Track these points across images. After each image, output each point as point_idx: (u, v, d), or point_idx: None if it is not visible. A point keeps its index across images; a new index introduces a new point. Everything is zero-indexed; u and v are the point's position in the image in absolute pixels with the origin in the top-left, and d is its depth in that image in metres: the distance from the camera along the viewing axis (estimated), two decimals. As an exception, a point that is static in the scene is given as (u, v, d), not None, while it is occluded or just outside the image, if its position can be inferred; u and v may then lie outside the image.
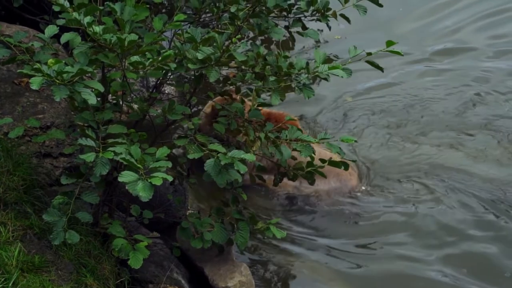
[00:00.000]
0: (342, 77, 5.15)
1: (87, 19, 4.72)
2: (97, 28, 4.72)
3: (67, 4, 4.77)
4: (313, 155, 5.51)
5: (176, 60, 5.16)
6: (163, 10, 6.21)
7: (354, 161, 5.97)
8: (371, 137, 8.38)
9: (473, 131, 8.48)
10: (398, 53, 5.37)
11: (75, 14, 4.72)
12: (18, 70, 4.93)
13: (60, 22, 4.91)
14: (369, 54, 5.36)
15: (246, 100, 6.23)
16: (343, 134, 8.25)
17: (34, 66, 4.66)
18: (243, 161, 4.94)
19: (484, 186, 7.68)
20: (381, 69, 5.56)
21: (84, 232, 5.49)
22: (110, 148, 4.80)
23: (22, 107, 6.59)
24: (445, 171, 7.89)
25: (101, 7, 5.00)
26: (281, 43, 9.20)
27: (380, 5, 5.74)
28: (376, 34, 9.36)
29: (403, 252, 6.95)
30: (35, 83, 4.53)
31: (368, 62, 5.44)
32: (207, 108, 7.29)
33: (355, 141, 5.54)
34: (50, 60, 4.69)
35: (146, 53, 4.92)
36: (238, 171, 4.95)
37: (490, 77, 9.39)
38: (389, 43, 5.30)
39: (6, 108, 6.52)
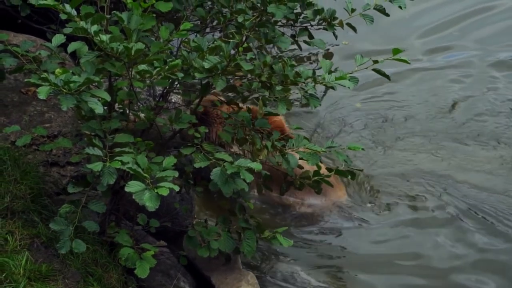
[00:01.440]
0: (348, 87, 5.17)
1: (94, 27, 4.76)
2: (104, 37, 4.75)
3: (74, 12, 4.80)
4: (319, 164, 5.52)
5: (183, 69, 5.18)
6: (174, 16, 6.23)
7: (361, 170, 5.96)
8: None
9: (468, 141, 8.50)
10: (404, 61, 5.38)
11: (82, 23, 4.75)
12: (26, 80, 4.94)
13: (67, 30, 4.95)
14: (375, 62, 5.38)
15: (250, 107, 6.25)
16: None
17: (42, 76, 4.70)
18: (249, 170, 4.95)
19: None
20: (388, 77, 5.57)
21: (91, 241, 5.49)
22: (117, 158, 4.83)
23: (29, 116, 6.59)
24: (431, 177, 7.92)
25: (108, 16, 5.03)
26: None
27: (387, 15, 5.75)
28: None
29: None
30: (43, 92, 4.57)
31: (375, 70, 5.45)
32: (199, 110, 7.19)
33: (362, 149, 5.55)
34: (57, 70, 4.72)
35: (153, 62, 4.95)
36: (245, 180, 4.96)
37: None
38: (396, 51, 5.31)
39: (14, 117, 6.53)
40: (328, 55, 9.46)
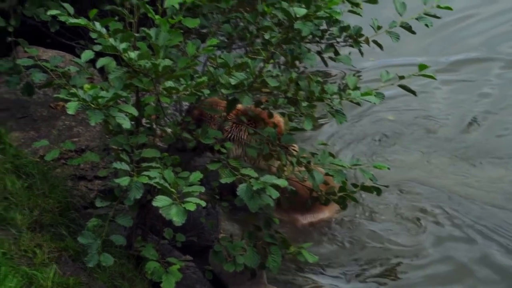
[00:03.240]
0: (374, 103, 5.19)
1: (123, 45, 4.81)
2: (133, 54, 4.81)
3: (103, 31, 4.88)
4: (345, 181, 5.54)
5: (209, 85, 5.22)
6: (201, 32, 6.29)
7: (386, 186, 5.96)
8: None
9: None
10: (431, 77, 5.42)
11: (111, 40, 4.82)
12: (55, 95, 5.03)
13: (97, 48, 5.01)
14: (401, 77, 5.41)
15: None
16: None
17: (70, 91, 4.77)
18: (275, 186, 4.98)
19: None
20: (413, 93, 5.59)
21: (118, 254, 5.53)
22: (144, 172, 4.88)
23: (58, 130, 6.71)
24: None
25: (136, 34, 5.10)
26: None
27: (413, 32, 5.77)
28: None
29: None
30: (71, 107, 4.65)
31: (400, 86, 5.49)
32: (195, 111, 7.20)
33: (388, 168, 5.55)
34: (86, 85, 4.80)
35: (180, 77, 5.00)
36: (270, 196, 4.99)
37: None
38: (422, 66, 5.34)
39: (43, 131, 6.65)
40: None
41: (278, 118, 6.18)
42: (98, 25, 4.87)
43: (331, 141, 8.65)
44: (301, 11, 5.07)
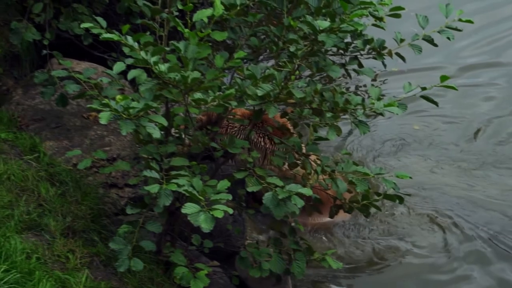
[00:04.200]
0: (397, 114, 5.26)
1: (154, 58, 4.90)
2: (163, 67, 4.88)
3: (135, 45, 4.97)
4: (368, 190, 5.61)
5: (236, 96, 5.27)
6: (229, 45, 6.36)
7: (409, 194, 6.01)
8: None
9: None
10: (452, 87, 5.46)
11: (142, 54, 4.91)
12: (88, 105, 5.09)
13: (129, 61, 5.07)
14: (423, 89, 5.46)
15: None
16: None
17: (103, 101, 4.85)
18: (300, 195, 5.05)
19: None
20: (436, 103, 5.64)
21: (148, 260, 5.61)
22: (173, 180, 4.96)
23: (90, 139, 6.80)
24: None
25: (166, 48, 5.19)
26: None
27: (435, 45, 5.80)
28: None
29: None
30: (104, 117, 4.74)
31: (423, 97, 5.53)
32: (202, 116, 7.10)
33: (410, 177, 5.61)
34: (118, 97, 4.88)
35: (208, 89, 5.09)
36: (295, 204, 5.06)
37: None
38: (443, 78, 5.40)
39: (76, 141, 6.74)
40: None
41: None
42: (130, 40, 4.96)
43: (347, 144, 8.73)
44: (324, 24, 5.12)
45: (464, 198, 7.94)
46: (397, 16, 5.70)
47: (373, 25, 5.81)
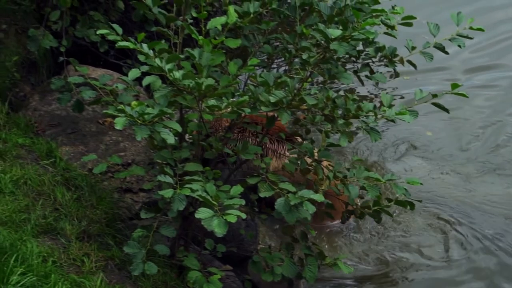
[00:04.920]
0: (408, 122, 5.29)
1: (169, 66, 4.95)
2: (177, 74, 4.94)
3: (151, 52, 5.02)
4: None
5: (250, 103, 5.31)
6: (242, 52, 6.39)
7: (420, 201, 6.04)
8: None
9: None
10: (463, 95, 5.49)
11: (157, 61, 4.97)
12: (103, 111, 5.13)
13: (144, 69, 5.13)
14: (434, 96, 5.49)
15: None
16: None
17: (118, 107, 4.92)
18: (311, 201, 5.09)
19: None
20: (447, 110, 5.67)
21: (161, 263, 5.64)
22: (187, 185, 5.01)
23: (106, 145, 6.85)
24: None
25: (181, 55, 5.24)
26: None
27: (446, 53, 5.83)
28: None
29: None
30: (119, 123, 4.79)
31: (434, 104, 5.56)
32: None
33: (421, 183, 5.64)
34: (134, 102, 4.94)
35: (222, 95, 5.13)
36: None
37: None
38: (454, 85, 5.43)
39: (91, 146, 6.79)
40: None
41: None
42: (145, 47, 5.02)
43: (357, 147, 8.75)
44: (336, 32, 5.15)
45: (469, 204, 7.98)
46: (409, 25, 5.74)
47: (385, 33, 5.83)
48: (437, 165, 8.58)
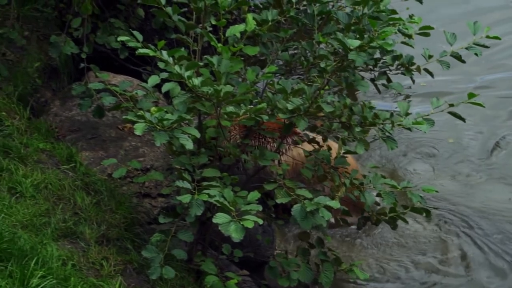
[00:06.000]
0: (425, 132, 5.33)
1: (188, 73, 5.01)
2: (196, 81, 5.00)
3: (170, 59, 5.08)
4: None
5: (268, 110, 5.36)
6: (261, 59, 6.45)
7: (436, 208, 6.06)
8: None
9: None
10: (479, 104, 5.50)
11: (177, 68, 5.03)
12: (123, 117, 5.19)
13: (164, 75, 5.21)
14: (451, 105, 5.52)
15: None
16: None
17: (138, 113, 4.98)
18: (327, 207, 5.12)
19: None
20: (463, 119, 5.70)
21: (179, 268, 5.66)
22: (205, 191, 5.05)
23: (125, 150, 6.91)
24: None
25: (200, 63, 5.29)
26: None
27: (463, 61, 5.85)
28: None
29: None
30: (139, 129, 4.85)
31: (450, 113, 5.58)
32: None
33: (436, 191, 5.66)
34: (153, 108, 5.01)
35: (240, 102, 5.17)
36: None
37: None
38: (471, 95, 5.46)
39: (111, 151, 6.87)
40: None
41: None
42: (165, 54, 5.08)
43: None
44: (354, 42, 5.18)
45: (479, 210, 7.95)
46: (426, 34, 5.76)
47: (402, 42, 5.87)
48: (443, 170, 8.58)
